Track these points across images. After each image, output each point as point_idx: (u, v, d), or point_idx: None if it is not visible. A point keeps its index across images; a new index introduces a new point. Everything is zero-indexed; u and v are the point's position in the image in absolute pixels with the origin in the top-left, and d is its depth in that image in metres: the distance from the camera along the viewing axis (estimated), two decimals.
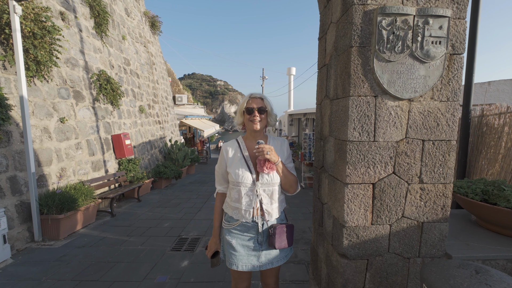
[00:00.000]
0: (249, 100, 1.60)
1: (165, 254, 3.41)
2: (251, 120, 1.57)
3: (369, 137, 1.43)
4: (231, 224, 1.60)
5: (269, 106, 1.61)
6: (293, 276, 2.86)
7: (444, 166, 1.46)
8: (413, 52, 1.38)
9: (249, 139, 1.65)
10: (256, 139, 1.60)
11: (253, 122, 1.56)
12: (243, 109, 1.61)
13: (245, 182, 1.52)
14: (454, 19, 1.39)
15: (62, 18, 5.23)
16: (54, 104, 4.66)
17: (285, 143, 1.71)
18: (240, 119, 1.65)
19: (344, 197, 1.46)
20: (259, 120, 1.57)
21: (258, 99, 1.59)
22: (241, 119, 1.65)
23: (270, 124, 1.65)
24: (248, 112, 1.57)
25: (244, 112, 1.60)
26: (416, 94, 1.41)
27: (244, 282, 1.64)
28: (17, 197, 3.71)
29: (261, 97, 1.61)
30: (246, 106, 1.59)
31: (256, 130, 1.59)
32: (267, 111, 1.60)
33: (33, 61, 4.13)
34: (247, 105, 1.58)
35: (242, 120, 1.65)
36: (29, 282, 2.78)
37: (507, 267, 1.51)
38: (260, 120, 1.57)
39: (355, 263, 1.50)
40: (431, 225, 1.49)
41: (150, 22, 11.10)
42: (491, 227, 1.79)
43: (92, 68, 5.99)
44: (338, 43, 1.57)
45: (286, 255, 1.62)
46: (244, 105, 1.60)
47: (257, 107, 1.56)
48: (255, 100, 1.59)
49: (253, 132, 1.61)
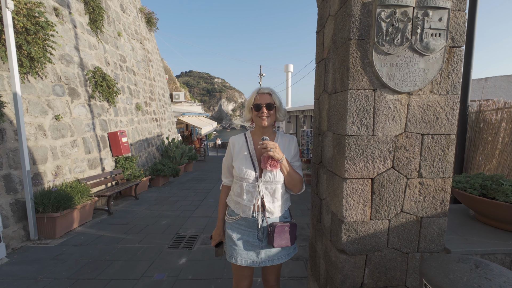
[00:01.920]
0: (257, 96, 1.56)
1: (162, 252, 3.39)
2: (259, 116, 1.54)
3: (368, 132, 1.41)
4: (232, 218, 1.60)
5: (278, 101, 1.58)
6: (291, 273, 2.85)
7: (443, 160, 1.45)
8: (412, 45, 1.36)
9: (256, 135, 1.63)
10: (264, 135, 1.57)
11: (261, 118, 1.54)
12: (251, 105, 1.57)
13: (248, 177, 1.51)
14: (454, 11, 1.37)
15: (56, 14, 5.14)
16: (48, 102, 4.60)
17: (294, 140, 1.67)
18: (249, 115, 1.63)
19: (343, 192, 1.44)
20: (268, 116, 1.54)
21: (266, 95, 1.56)
22: (249, 115, 1.62)
23: (279, 119, 1.62)
24: (256, 109, 1.54)
25: (252, 109, 1.57)
26: (415, 87, 1.39)
27: (246, 280, 1.61)
28: (11, 195, 3.66)
29: (270, 92, 1.57)
30: (254, 102, 1.56)
31: (265, 127, 1.56)
32: (276, 106, 1.57)
33: (26, 58, 4.06)
34: (255, 101, 1.56)
35: (251, 116, 1.62)
36: (25, 281, 2.75)
37: (505, 261, 1.51)
38: (269, 116, 1.55)
39: (354, 258, 1.49)
40: (430, 220, 1.49)
41: (146, 19, 10.98)
42: (490, 221, 1.79)
43: (87, 65, 5.91)
44: (337, 36, 1.54)
45: (288, 254, 1.60)
46: (252, 101, 1.57)
47: (265, 103, 1.53)
48: (263, 96, 1.55)
49: (262, 128, 1.59)
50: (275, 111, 1.57)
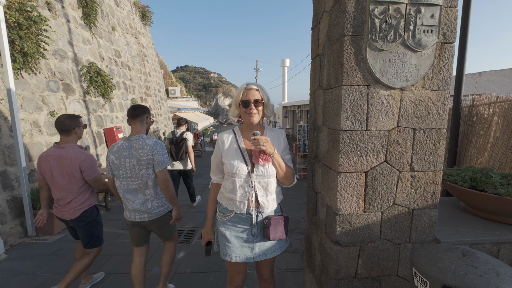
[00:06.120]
0: (245, 92, 1.55)
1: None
2: (247, 113, 1.54)
3: (362, 126, 1.45)
4: (225, 215, 1.59)
5: (266, 97, 1.58)
6: (288, 265, 2.91)
7: (434, 154, 1.49)
8: (405, 41, 1.39)
9: (245, 130, 1.63)
10: (253, 130, 1.57)
11: (250, 115, 1.53)
12: (238, 102, 1.56)
13: (240, 173, 1.51)
14: (445, 8, 1.40)
15: (49, 8, 5.06)
16: (43, 97, 4.56)
17: (282, 134, 1.68)
18: (236, 111, 1.61)
19: (337, 186, 1.48)
20: (256, 112, 1.54)
21: (253, 91, 1.54)
22: (237, 112, 1.61)
23: (266, 115, 1.63)
24: (244, 105, 1.54)
25: (240, 105, 1.56)
26: (407, 83, 1.42)
27: (240, 274, 1.64)
28: (8, 192, 3.66)
29: (257, 88, 1.56)
30: (242, 98, 1.55)
31: (253, 123, 1.57)
32: (264, 102, 1.57)
33: (19, 53, 4.01)
34: (242, 98, 1.55)
35: (238, 113, 1.61)
36: (25, 276, 2.78)
37: (493, 250, 1.57)
38: (257, 113, 1.54)
39: (348, 249, 1.54)
40: (421, 211, 1.53)
41: (141, 13, 10.83)
42: (479, 213, 1.85)
43: (81, 60, 5.84)
44: (331, 32, 1.56)
45: (281, 247, 1.62)
46: (240, 97, 1.56)
47: (253, 99, 1.52)
48: (251, 92, 1.54)
49: (250, 124, 1.59)
50: (263, 107, 1.57)
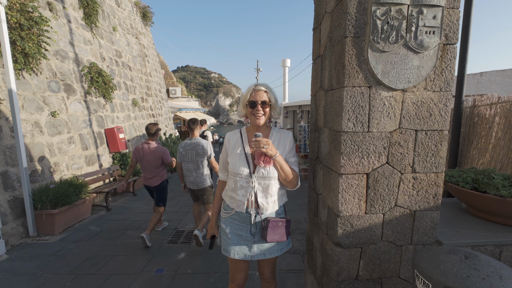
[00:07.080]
0: (253, 93, 1.55)
1: (162, 247, 3.43)
2: (253, 114, 1.54)
3: (363, 128, 1.44)
4: (227, 212, 1.64)
5: (274, 99, 1.58)
6: (289, 266, 2.91)
7: (436, 155, 1.48)
8: (407, 42, 1.38)
9: (251, 131, 1.63)
10: (259, 131, 1.57)
11: (256, 116, 1.54)
12: (246, 102, 1.56)
13: (241, 173, 1.52)
14: (447, 9, 1.39)
15: (50, 9, 5.06)
16: (44, 98, 4.57)
17: (289, 136, 1.67)
18: (243, 111, 1.62)
19: (339, 187, 1.47)
20: (262, 114, 1.54)
21: (262, 92, 1.54)
22: (244, 111, 1.62)
23: (273, 117, 1.63)
24: (251, 106, 1.54)
25: (247, 105, 1.56)
26: (409, 84, 1.42)
27: (241, 273, 1.67)
28: (9, 192, 3.66)
29: (266, 90, 1.56)
30: (249, 99, 1.55)
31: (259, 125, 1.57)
32: (271, 104, 1.57)
33: (20, 53, 4.02)
34: (250, 98, 1.55)
35: (245, 113, 1.61)
36: (25, 277, 2.78)
37: (495, 252, 1.56)
38: (264, 114, 1.55)
39: (349, 251, 1.53)
40: (423, 213, 1.53)
41: (142, 13, 10.84)
42: (481, 214, 1.84)
43: (82, 60, 5.85)
44: (333, 34, 1.56)
45: (281, 248, 1.63)
46: (248, 97, 1.56)
47: (260, 100, 1.52)
48: (259, 93, 1.54)
49: (256, 126, 1.60)
50: (270, 109, 1.58)
